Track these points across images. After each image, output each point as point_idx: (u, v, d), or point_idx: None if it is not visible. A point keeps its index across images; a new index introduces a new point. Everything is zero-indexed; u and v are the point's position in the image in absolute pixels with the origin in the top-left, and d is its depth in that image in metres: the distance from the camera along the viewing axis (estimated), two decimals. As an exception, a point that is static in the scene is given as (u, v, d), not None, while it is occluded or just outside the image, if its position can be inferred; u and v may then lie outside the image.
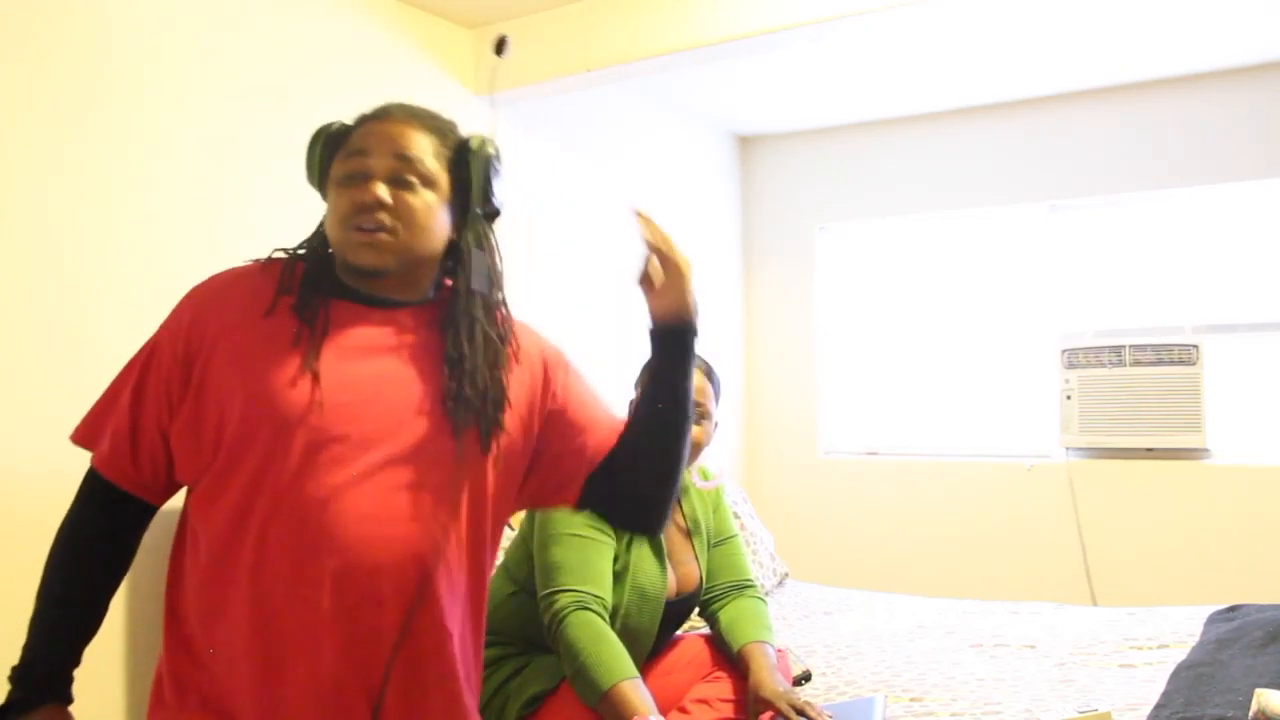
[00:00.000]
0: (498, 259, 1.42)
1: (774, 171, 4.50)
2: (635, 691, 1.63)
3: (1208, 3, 3.00)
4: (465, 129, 1.45)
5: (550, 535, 1.82)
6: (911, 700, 2.11)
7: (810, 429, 4.37)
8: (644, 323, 1.42)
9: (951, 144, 4.09)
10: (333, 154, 1.36)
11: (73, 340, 2.09)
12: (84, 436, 1.35)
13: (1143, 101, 3.74)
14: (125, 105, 2.23)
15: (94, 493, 1.34)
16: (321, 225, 1.37)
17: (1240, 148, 3.58)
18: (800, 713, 1.74)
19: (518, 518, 2.75)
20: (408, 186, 1.31)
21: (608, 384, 1.75)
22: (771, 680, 1.83)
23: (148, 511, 1.36)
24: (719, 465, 2.51)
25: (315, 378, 1.26)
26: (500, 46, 1.56)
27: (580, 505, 1.48)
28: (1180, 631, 2.50)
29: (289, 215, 2.54)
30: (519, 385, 1.41)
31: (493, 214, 1.42)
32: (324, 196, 1.37)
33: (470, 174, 1.37)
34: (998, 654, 2.45)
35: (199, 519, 1.28)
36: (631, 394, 2.02)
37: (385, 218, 1.29)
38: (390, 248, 1.30)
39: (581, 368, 1.65)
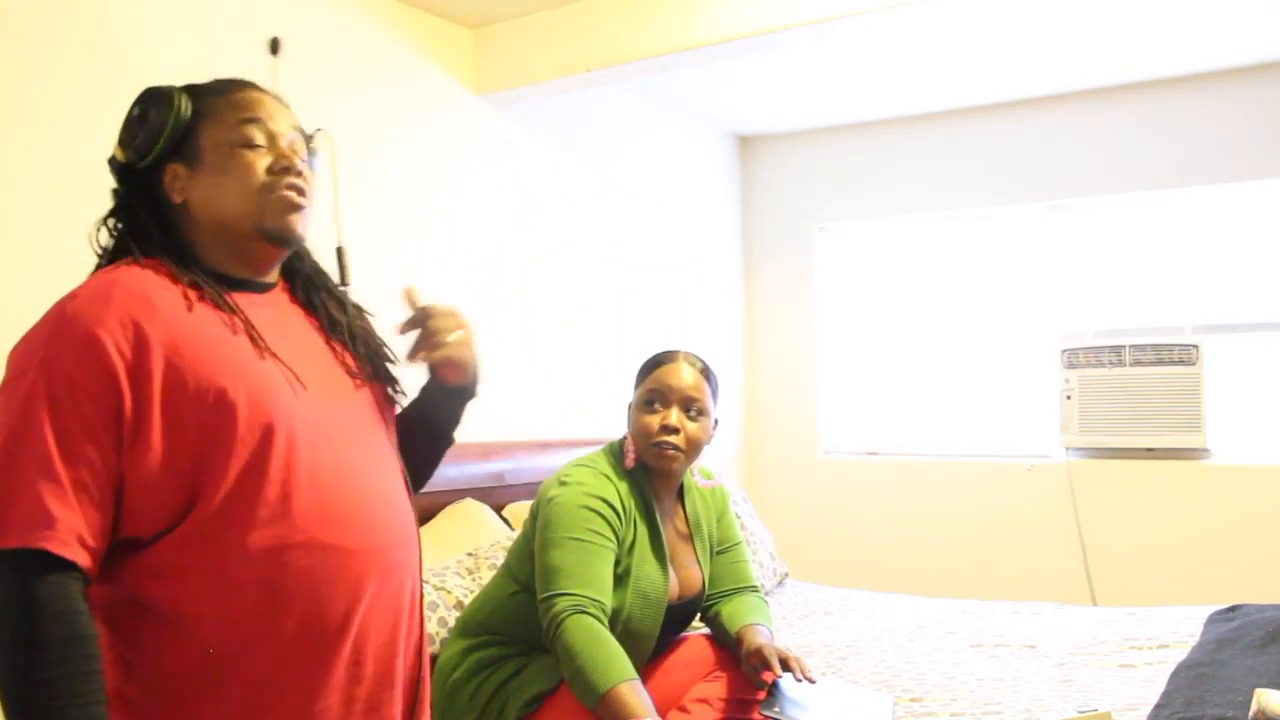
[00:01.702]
0: None
1: (774, 171, 4.50)
2: (633, 693, 1.63)
3: (1208, 3, 3.00)
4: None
5: (551, 538, 1.82)
6: (911, 700, 2.11)
7: (810, 429, 4.37)
8: (422, 376, 1.40)
9: (951, 144, 4.09)
10: (190, 124, 1.23)
11: (73, 340, 2.09)
12: None
13: (1143, 101, 3.74)
14: (125, 105, 2.23)
15: (43, 582, 1.02)
16: (134, 206, 1.25)
17: (1240, 148, 3.58)
18: (784, 662, 1.78)
19: (519, 518, 2.76)
20: (304, 157, 1.28)
21: (607, 384, 1.76)
22: (762, 640, 1.87)
23: (85, 585, 1.07)
24: (718, 465, 2.51)
25: (277, 358, 1.19)
26: (275, 47, 1.56)
27: None
28: (1180, 631, 2.50)
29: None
30: None
31: None
32: (147, 164, 1.23)
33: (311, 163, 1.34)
34: (998, 654, 2.45)
35: (191, 551, 1.10)
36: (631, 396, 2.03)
37: (303, 184, 1.24)
38: (306, 216, 1.26)
39: (579, 368, 1.64)
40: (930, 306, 4.21)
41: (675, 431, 1.92)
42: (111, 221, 1.29)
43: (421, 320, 1.29)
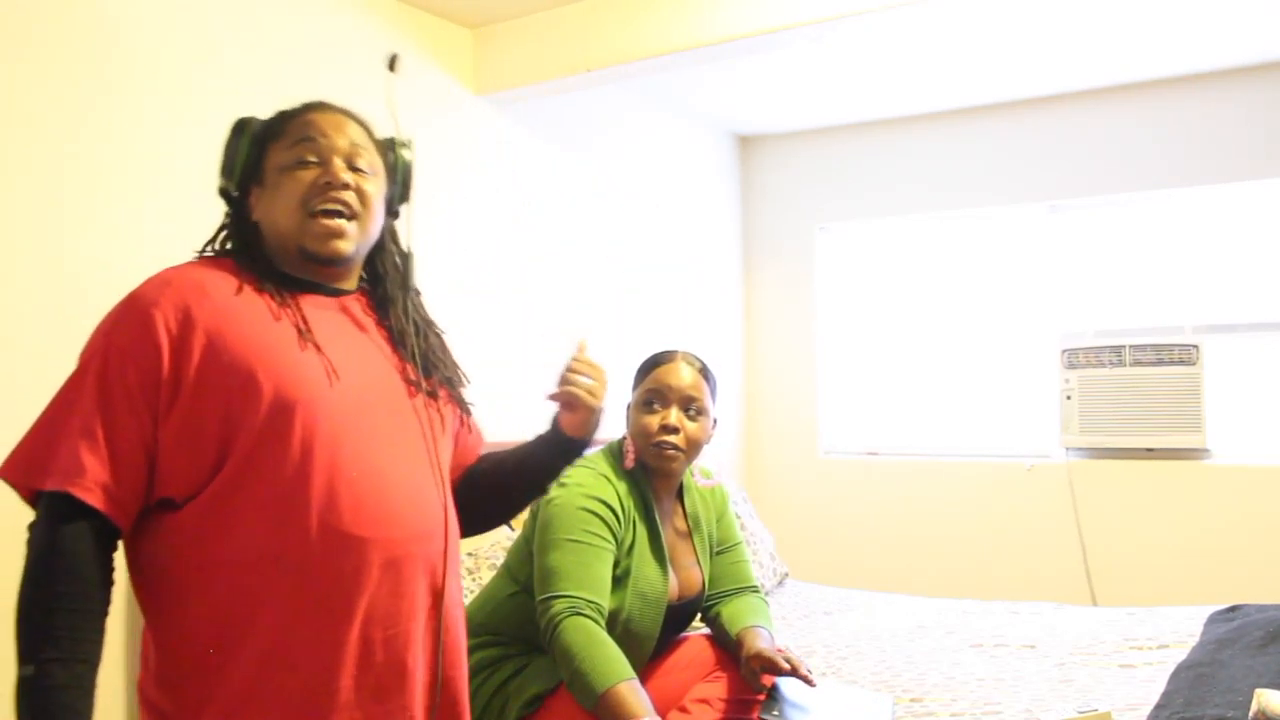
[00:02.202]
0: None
1: (774, 171, 4.50)
2: (632, 693, 1.63)
3: (1208, 3, 3.00)
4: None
5: (549, 540, 1.82)
6: (911, 700, 2.11)
7: (810, 429, 4.37)
8: (544, 423, 1.47)
9: (951, 144, 4.09)
10: (261, 148, 1.33)
11: (74, 340, 2.09)
12: (30, 469, 1.18)
13: (1142, 101, 3.74)
14: (125, 105, 2.23)
15: (71, 523, 1.15)
16: (230, 227, 1.36)
17: (1240, 148, 3.58)
18: (789, 663, 1.79)
19: (520, 518, 2.75)
20: (361, 172, 1.33)
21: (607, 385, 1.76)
22: (762, 644, 1.87)
23: (118, 538, 1.21)
24: (718, 465, 2.51)
25: (319, 349, 1.25)
26: (392, 64, 1.60)
27: None
28: (1180, 631, 2.50)
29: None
30: None
31: (396, 214, 1.46)
32: (237, 192, 1.34)
33: (398, 173, 1.42)
34: (998, 654, 2.45)
35: (213, 518, 1.19)
36: (629, 397, 2.03)
37: (350, 198, 1.30)
38: (352, 234, 1.31)
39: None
40: (930, 307, 4.21)
41: (675, 431, 1.92)
42: (220, 240, 1.39)
43: (568, 365, 1.39)
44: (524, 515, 2.08)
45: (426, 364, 1.38)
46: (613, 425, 2.15)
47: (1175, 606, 2.86)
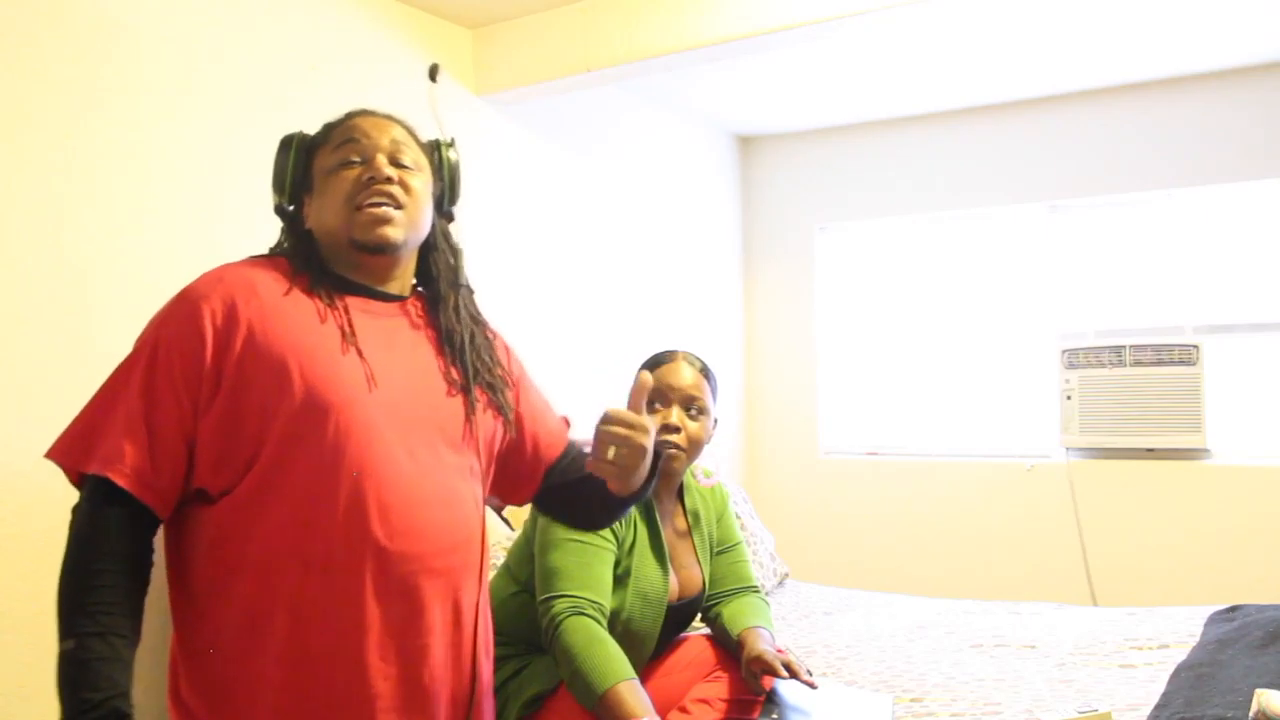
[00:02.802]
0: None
1: (774, 171, 4.50)
2: (632, 693, 1.62)
3: (1208, 3, 3.00)
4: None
5: (550, 540, 1.82)
6: (912, 700, 2.11)
7: (810, 429, 4.37)
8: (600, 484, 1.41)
9: (951, 144, 4.09)
10: (309, 158, 1.39)
11: (74, 340, 2.09)
12: (75, 453, 1.22)
13: (1143, 101, 3.74)
14: (124, 105, 2.23)
15: (110, 506, 1.20)
16: (287, 236, 1.40)
17: (1240, 148, 3.58)
18: (787, 666, 1.78)
19: (519, 518, 2.76)
20: (405, 168, 1.37)
21: (607, 384, 1.77)
22: (763, 646, 1.87)
23: (156, 525, 1.26)
24: (718, 465, 2.51)
25: (360, 354, 1.28)
26: (433, 73, 1.67)
27: (536, 506, 1.58)
28: (1180, 631, 2.49)
29: (289, 215, 2.55)
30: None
31: (449, 216, 1.52)
32: (291, 204, 1.39)
33: (444, 172, 1.47)
34: (998, 654, 2.45)
35: (244, 514, 1.23)
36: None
37: (396, 190, 1.34)
38: (400, 222, 1.34)
39: (579, 367, 1.70)
40: (930, 307, 4.21)
41: (676, 431, 1.92)
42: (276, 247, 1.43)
43: (601, 424, 1.32)
44: (524, 514, 2.08)
45: (472, 368, 1.40)
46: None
47: (1175, 606, 2.86)
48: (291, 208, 1.40)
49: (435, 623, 1.30)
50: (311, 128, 1.45)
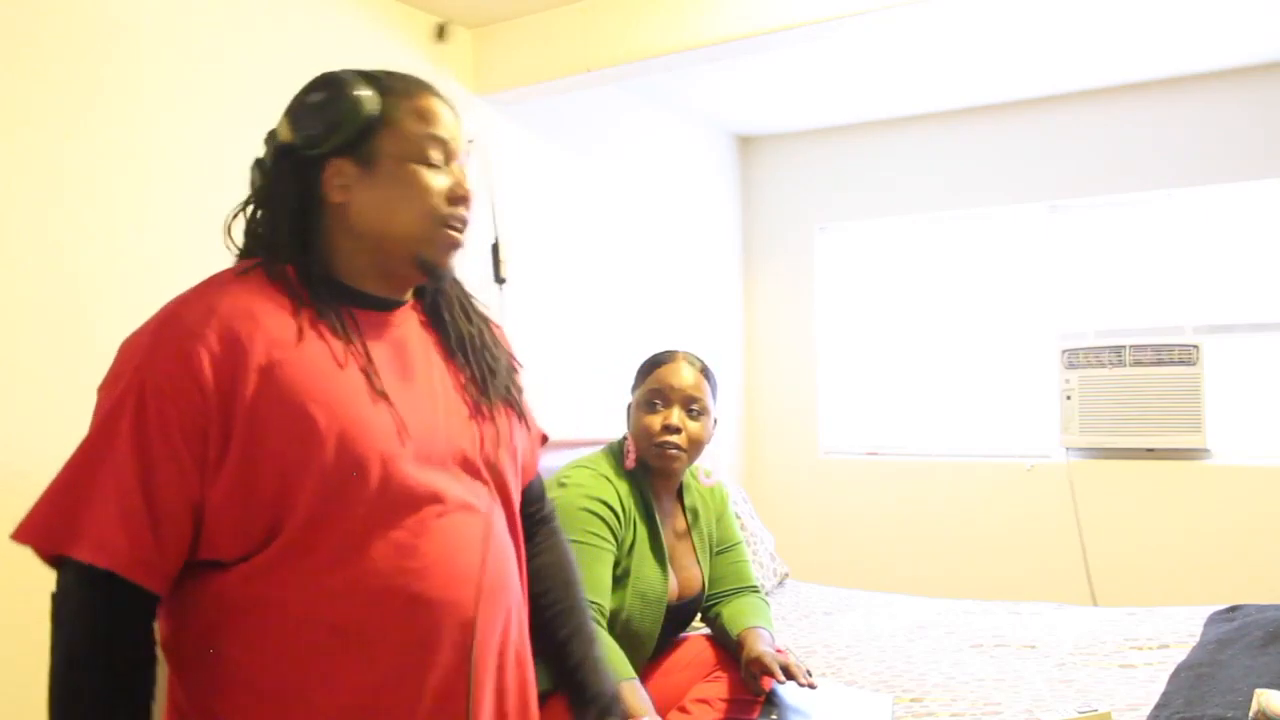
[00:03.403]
0: None
1: (774, 171, 4.50)
2: (632, 693, 1.63)
3: (1208, 3, 3.00)
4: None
5: None
6: (912, 701, 2.11)
7: (810, 429, 4.37)
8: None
9: (951, 144, 4.09)
10: (369, 124, 1.15)
11: (74, 341, 2.09)
12: (55, 533, 1.02)
13: (1143, 101, 3.74)
14: (124, 105, 2.23)
15: (105, 598, 1.02)
16: (288, 209, 1.16)
17: (1240, 148, 3.58)
18: (785, 670, 1.77)
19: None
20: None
21: (606, 384, 1.77)
22: (762, 647, 1.86)
23: (156, 603, 1.07)
24: (718, 465, 2.51)
25: (387, 400, 1.11)
26: (441, 32, 1.53)
27: None
28: (1180, 631, 2.49)
29: (289, 215, 2.54)
30: None
31: None
32: (314, 161, 1.16)
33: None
34: (998, 654, 2.45)
35: (263, 585, 1.06)
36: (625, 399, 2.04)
37: (469, 216, 1.21)
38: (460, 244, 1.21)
39: (579, 367, 1.65)
40: (930, 306, 4.21)
41: (677, 431, 1.93)
42: (251, 209, 1.20)
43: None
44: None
45: (497, 390, 1.26)
46: (614, 424, 2.15)
47: (1175, 606, 2.86)
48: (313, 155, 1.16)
49: (488, 675, 1.17)
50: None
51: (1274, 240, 3.61)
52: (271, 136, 1.20)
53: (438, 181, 1.17)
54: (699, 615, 2.10)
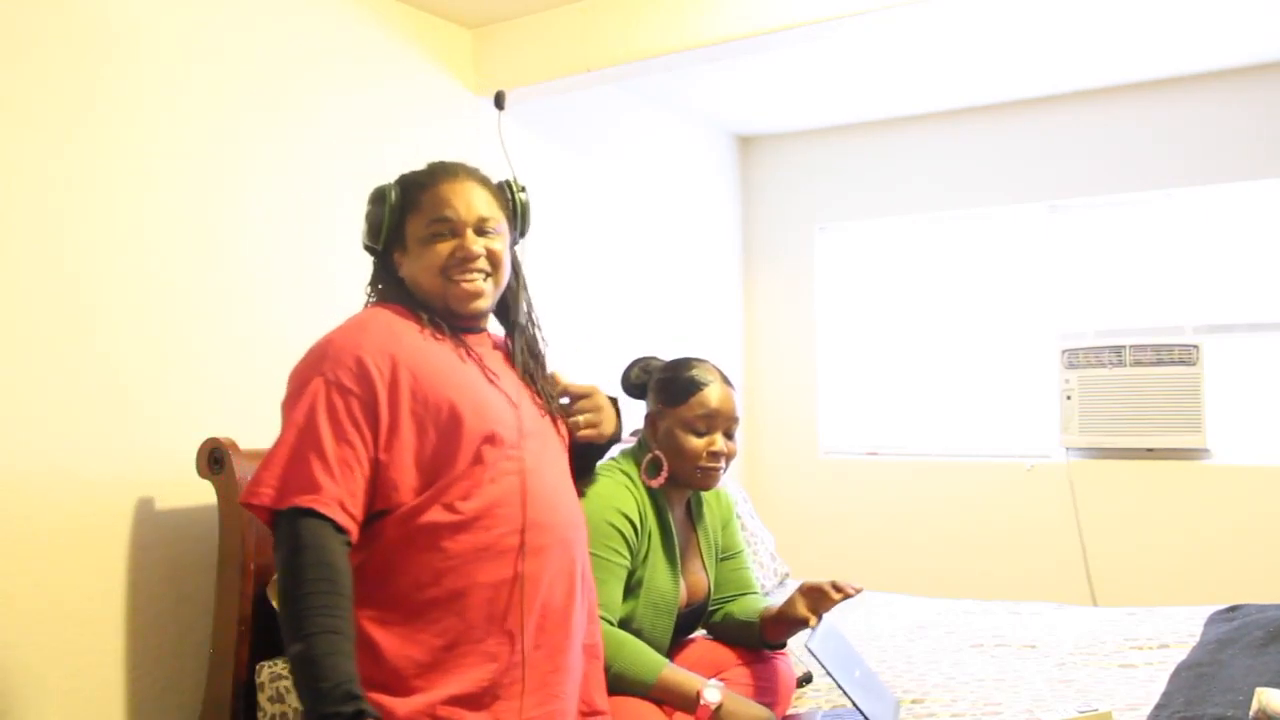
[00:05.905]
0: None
1: (774, 171, 4.50)
2: (678, 673, 1.78)
3: (1208, 3, 3.00)
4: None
5: None
6: (912, 701, 2.11)
7: (810, 429, 4.37)
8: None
9: (951, 144, 4.09)
10: (400, 217, 1.57)
11: (74, 340, 2.09)
12: (278, 493, 1.40)
13: (1143, 101, 3.74)
14: (124, 105, 2.23)
15: (324, 534, 1.39)
16: (381, 278, 1.62)
17: (1240, 148, 3.58)
18: (835, 586, 1.88)
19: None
20: (489, 235, 1.58)
21: (606, 385, 1.77)
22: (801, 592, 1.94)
23: (349, 544, 1.43)
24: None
25: (498, 386, 1.54)
26: (500, 101, 1.87)
27: None
28: (1180, 631, 2.49)
29: (287, 215, 2.54)
30: None
31: (515, 241, 1.72)
32: (380, 251, 1.59)
33: (517, 215, 1.68)
34: (998, 654, 2.45)
35: (433, 520, 1.43)
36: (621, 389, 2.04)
37: (483, 263, 1.55)
38: (489, 291, 1.57)
39: (579, 367, 1.85)
40: (930, 306, 4.21)
41: (723, 456, 1.95)
42: (370, 286, 1.65)
43: (561, 401, 1.66)
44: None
45: (550, 401, 1.64)
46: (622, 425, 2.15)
47: (1175, 606, 2.86)
48: (380, 250, 1.60)
49: (576, 585, 1.55)
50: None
51: (1274, 240, 3.61)
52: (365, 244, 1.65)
53: (444, 249, 1.54)
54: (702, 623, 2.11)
